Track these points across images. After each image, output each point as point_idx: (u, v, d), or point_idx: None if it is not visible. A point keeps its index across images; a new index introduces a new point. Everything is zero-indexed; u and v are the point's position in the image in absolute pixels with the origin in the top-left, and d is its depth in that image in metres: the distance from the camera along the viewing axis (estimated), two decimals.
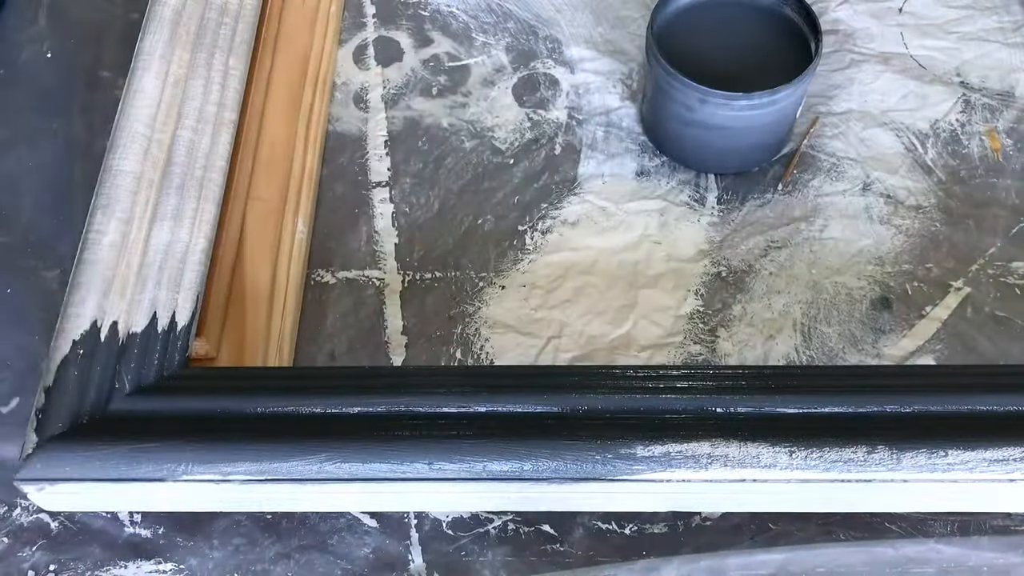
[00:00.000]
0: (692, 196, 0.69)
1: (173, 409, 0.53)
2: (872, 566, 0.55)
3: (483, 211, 0.69)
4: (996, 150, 0.71)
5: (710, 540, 0.56)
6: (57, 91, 0.74)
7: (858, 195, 0.69)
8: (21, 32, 0.77)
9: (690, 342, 0.63)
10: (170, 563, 0.56)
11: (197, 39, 0.66)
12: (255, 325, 0.61)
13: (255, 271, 0.62)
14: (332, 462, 0.51)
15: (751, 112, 0.64)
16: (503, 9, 0.79)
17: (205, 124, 0.63)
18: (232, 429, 0.52)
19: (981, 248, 0.66)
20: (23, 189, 0.70)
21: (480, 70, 0.76)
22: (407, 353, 0.63)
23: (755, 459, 0.50)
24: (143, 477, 0.51)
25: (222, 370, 0.58)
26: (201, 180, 0.61)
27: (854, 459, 0.50)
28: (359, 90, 0.75)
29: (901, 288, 0.65)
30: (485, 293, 0.65)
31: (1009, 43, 0.76)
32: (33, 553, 0.57)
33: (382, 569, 0.56)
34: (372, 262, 0.66)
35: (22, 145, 0.71)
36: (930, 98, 0.73)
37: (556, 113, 0.73)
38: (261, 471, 0.51)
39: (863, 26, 0.77)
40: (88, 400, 0.53)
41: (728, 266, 0.66)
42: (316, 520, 0.57)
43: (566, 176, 0.70)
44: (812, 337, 0.63)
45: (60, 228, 0.68)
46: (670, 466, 0.50)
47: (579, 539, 0.57)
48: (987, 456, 0.50)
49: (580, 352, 0.62)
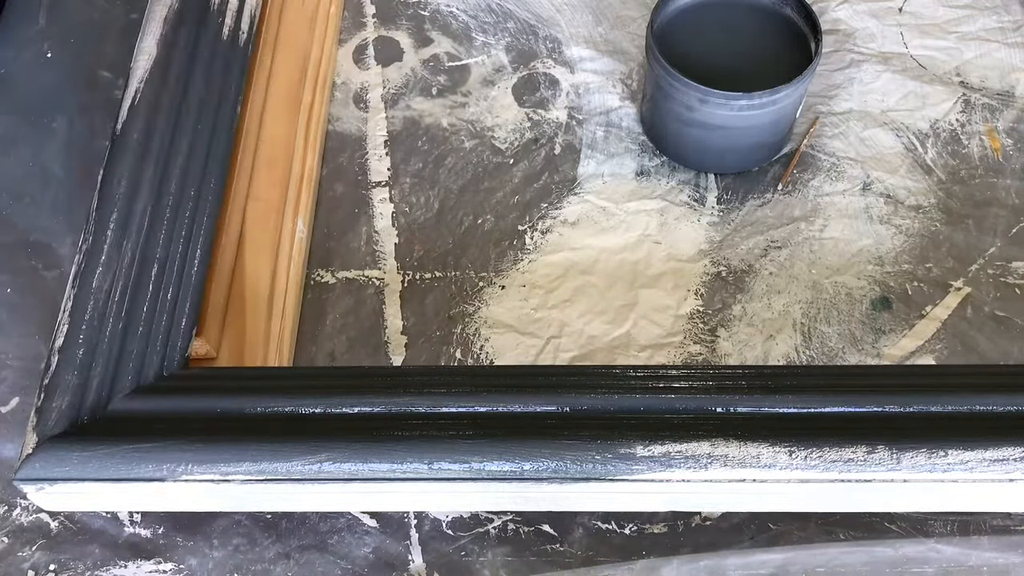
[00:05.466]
0: (692, 196, 0.69)
1: (173, 409, 0.53)
2: (872, 566, 0.55)
3: (483, 211, 0.69)
4: (996, 150, 0.71)
5: (710, 540, 0.56)
6: (57, 91, 0.74)
7: (858, 195, 0.69)
8: (21, 32, 0.77)
9: (690, 342, 0.63)
10: (170, 563, 0.56)
11: None
12: (255, 325, 0.61)
13: (255, 271, 0.62)
14: (332, 462, 0.51)
15: (751, 112, 0.64)
16: (503, 9, 0.79)
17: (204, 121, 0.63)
18: (232, 429, 0.52)
19: (981, 248, 0.66)
20: (23, 189, 0.70)
21: (480, 70, 0.76)
22: (407, 353, 0.63)
23: (755, 459, 0.50)
24: (143, 477, 0.51)
25: (222, 370, 0.58)
26: (201, 179, 0.61)
27: (854, 459, 0.50)
28: (359, 90, 0.75)
29: (901, 288, 0.65)
30: (485, 293, 0.65)
31: (1009, 43, 0.76)
32: (33, 553, 0.57)
33: (382, 569, 0.56)
34: (372, 262, 0.66)
35: (22, 145, 0.71)
36: (930, 98, 0.73)
37: (556, 113, 0.73)
38: (261, 471, 0.51)
39: (863, 26, 0.77)
40: (88, 400, 0.53)
41: (728, 266, 0.66)
42: (316, 520, 0.57)
43: (566, 176, 0.70)
44: (812, 337, 0.63)
45: (60, 228, 0.68)
46: (670, 466, 0.50)
47: (579, 539, 0.57)
48: (987, 456, 0.50)
49: (580, 352, 0.63)
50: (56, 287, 0.65)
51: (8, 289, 0.65)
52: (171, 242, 0.58)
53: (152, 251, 0.58)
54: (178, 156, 0.61)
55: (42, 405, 0.53)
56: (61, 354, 0.54)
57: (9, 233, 0.68)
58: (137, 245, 0.58)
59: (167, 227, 0.59)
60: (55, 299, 0.60)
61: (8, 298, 0.65)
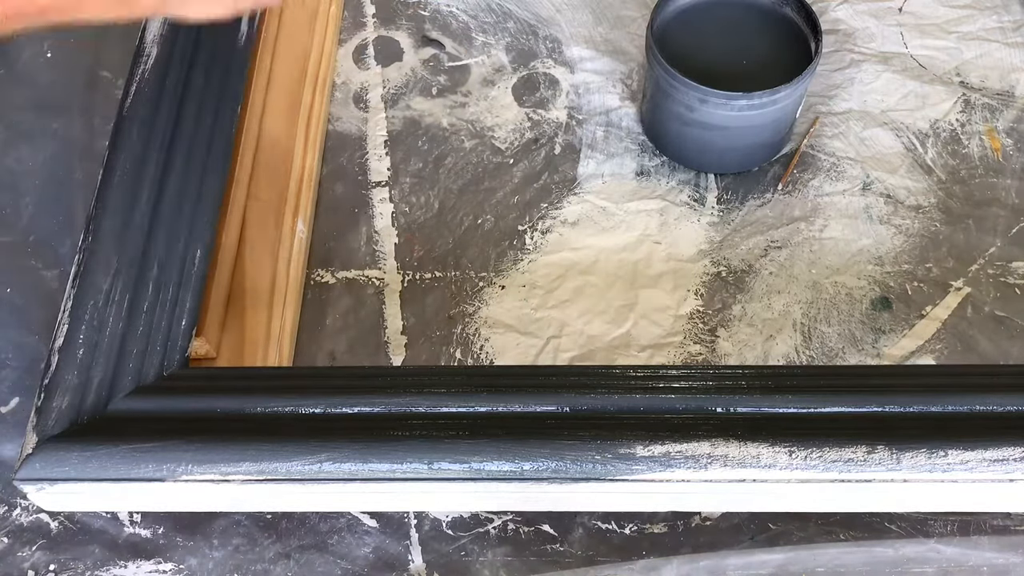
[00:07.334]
0: (692, 196, 0.69)
1: (173, 409, 0.53)
2: (872, 566, 0.55)
3: (483, 211, 0.69)
4: (996, 150, 0.71)
5: (710, 540, 0.56)
6: (57, 91, 0.74)
7: (858, 195, 0.69)
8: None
9: (690, 342, 0.63)
10: (170, 563, 0.56)
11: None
12: (255, 325, 0.61)
13: (255, 271, 0.62)
14: (332, 462, 0.51)
15: (751, 112, 0.64)
16: (503, 9, 0.79)
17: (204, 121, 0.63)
18: (232, 429, 0.52)
19: (981, 248, 0.66)
20: (23, 189, 0.70)
21: (480, 70, 0.76)
22: (407, 353, 0.63)
23: (755, 459, 0.50)
24: (143, 477, 0.51)
25: (222, 370, 0.58)
26: (201, 179, 0.61)
27: (854, 459, 0.50)
28: (359, 90, 0.75)
29: (901, 288, 0.65)
30: (485, 293, 0.65)
31: (1009, 43, 0.76)
32: (33, 553, 0.57)
33: (382, 569, 0.56)
34: (372, 262, 0.66)
35: (22, 145, 0.71)
36: (930, 98, 0.73)
37: (556, 113, 0.73)
38: (261, 471, 0.51)
39: (863, 26, 0.77)
40: (88, 400, 0.53)
41: (728, 266, 0.66)
42: (316, 520, 0.57)
43: (566, 176, 0.70)
44: (812, 337, 0.63)
45: (60, 228, 0.68)
46: (670, 466, 0.50)
47: (579, 539, 0.57)
48: (987, 456, 0.50)
49: (580, 352, 0.62)
50: (56, 287, 0.65)
51: (8, 289, 0.65)
52: (171, 242, 0.58)
53: (152, 251, 0.58)
54: (178, 156, 0.61)
55: (42, 405, 0.53)
56: (61, 354, 0.54)
57: (9, 233, 0.68)
58: (137, 245, 0.58)
59: (167, 227, 0.59)
60: (55, 299, 0.60)
61: (8, 298, 0.65)
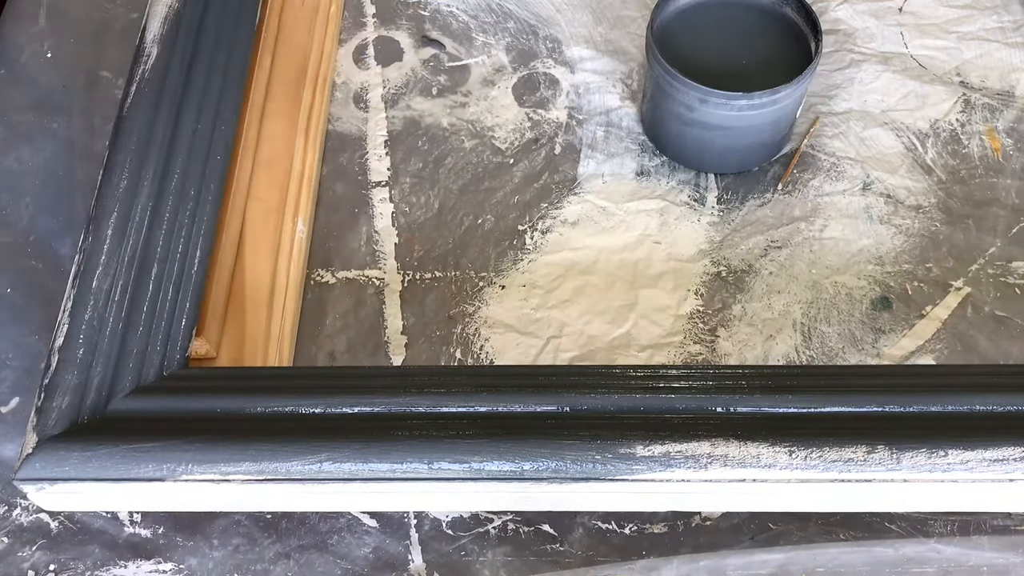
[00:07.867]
0: (692, 196, 0.69)
1: (173, 409, 0.53)
2: (872, 566, 0.55)
3: (483, 211, 0.69)
4: (996, 150, 0.71)
5: (710, 540, 0.56)
6: (57, 91, 0.74)
7: (858, 195, 0.69)
8: (21, 32, 0.77)
9: (690, 342, 0.63)
10: (170, 563, 0.56)
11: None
12: (255, 325, 0.61)
13: (255, 271, 0.62)
14: (332, 462, 0.51)
15: (751, 112, 0.64)
16: (503, 9, 0.79)
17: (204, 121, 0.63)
18: (232, 429, 0.52)
19: (981, 248, 0.66)
20: (23, 189, 0.70)
21: (480, 70, 0.76)
22: (407, 353, 0.63)
23: (755, 459, 0.50)
24: (143, 477, 0.51)
25: (222, 370, 0.58)
26: (201, 179, 0.61)
27: (854, 459, 0.50)
28: (359, 90, 0.75)
29: (901, 288, 0.65)
30: (485, 293, 0.65)
31: (1009, 43, 0.76)
32: (33, 553, 0.57)
33: (382, 569, 0.56)
34: (372, 262, 0.66)
35: (22, 145, 0.71)
36: (930, 98, 0.73)
37: (556, 113, 0.73)
38: (261, 471, 0.51)
39: (863, 26, 0.77)
40: (88, 400, 0.53)
41: (728, 266, 0.66)
42: (316, 520, 0.57)
43: (566, 176, 0.70)
44: (812, 337, 0.63)
45: (60, 228, 0.68)
46: (670, 466, 0.50)
47: (579, 539, 0.57)
48: (987, 456, 0.50)
49: (580, 352, 0.62)
50: (56, 287, 0.64)
51: (8, 289, 0.65)
52: (171, 242, 0.58)
53: (152, 251, 0.58)
54: (178, 156, 0.61)
55: (42, 405, 0.53)
56: (61, 354, 0.54)
57: (9, 233, 0.68)
58: (137, 245, 0.58)
59: (167, 227, 0.59)
60: (55, 299, 0.60)
61: (8, 298, 0.65)
